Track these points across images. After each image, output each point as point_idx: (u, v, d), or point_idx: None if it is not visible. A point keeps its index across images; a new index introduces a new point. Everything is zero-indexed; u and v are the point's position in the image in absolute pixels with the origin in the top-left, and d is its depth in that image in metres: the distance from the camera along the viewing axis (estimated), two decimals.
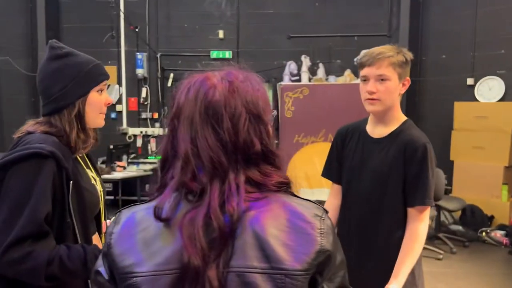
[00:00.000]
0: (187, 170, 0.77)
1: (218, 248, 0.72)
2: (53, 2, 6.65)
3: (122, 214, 0.82)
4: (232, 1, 6.71)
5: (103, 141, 6.05)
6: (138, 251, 0.75)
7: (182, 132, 0.79)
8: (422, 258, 1.74)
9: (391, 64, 1.60)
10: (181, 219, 0.74)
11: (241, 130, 0.78)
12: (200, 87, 0.80)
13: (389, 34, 6.56)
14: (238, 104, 0.78)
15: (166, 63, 6.83)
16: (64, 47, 1.33)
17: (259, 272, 0.72)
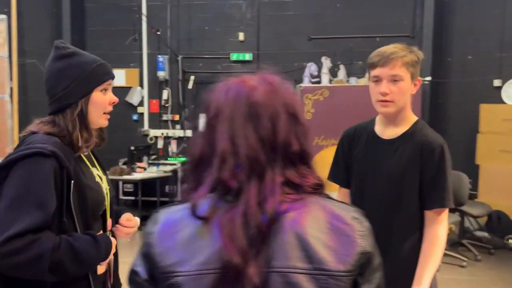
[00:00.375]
0: (225, 167, 0.77)
1: (257, 247, 0.73)
2: (78, 6, 6.81)
3: (160, 214, 0.83)
4: (253, 3, 6.71)
5: (125, 142, 6.17)
6: (180, 250, 0.75)
7: (221, 131, 0.80)
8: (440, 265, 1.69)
9: (404, 64, 1.56)
10: (219, 218, 0.75)
11: (280, 130, 0.79)
12: (240, 89, 0.82)
13: (412, 34, 6.42)
14: (277, 105, 0.80)
15: (187, 66, 6.89)
16: (69, 47, 1.35)
17: (303, 272, 0.73)
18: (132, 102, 7.00)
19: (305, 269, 0.73)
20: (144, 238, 0.81)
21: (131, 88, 7.00)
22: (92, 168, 1.40)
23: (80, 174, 1.29)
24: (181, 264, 0.75)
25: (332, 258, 0.74)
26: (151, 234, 0.80)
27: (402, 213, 1.62)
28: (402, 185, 1.61)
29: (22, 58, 6.37)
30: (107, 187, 1.44)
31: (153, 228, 0.81)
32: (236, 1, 6.75)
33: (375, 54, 1.61)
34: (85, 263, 1.21)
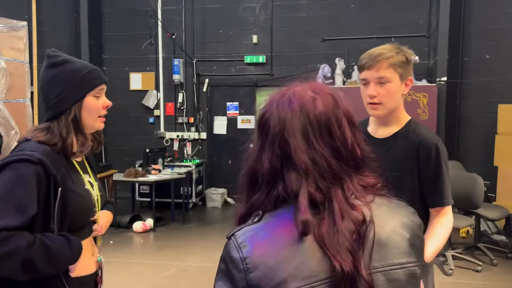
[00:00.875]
0: (309, 180, 0.79)
1: (359, 250, 0.77)
2: (95, 12, 6.98)
3: (241, 236, 0.80)
4: (266, 6, 6.74)
5: (142, 144, 6.27)
6: (283, 268, 0.75)
7: (295, 143, 0.80)
8: (434, 269, 1.67)
9: (391, 65, 1.53)
10: (316, 230, 0.77)
11: (347, 138, 0.83)
12: (302, 99, 0.83)
13: (428, 34, 6.32)
14: (340, 113, 0.84)
15: (201, 69, 6.97)
16: (60, 55, 1.39)
17: (399, 268, 0.79)
18: (148, 105, 7.12)
19: (400, 264, 0.80)
20: (234, 265, 0.77)
21: (147, 91, 7.12)
22: (83, 175, 1.43)
23: (68, 181, 1.31)
24: (288, 282, 0.75)
25: (413, 251, 0.82)
26: (244, 259, 0.77)
27: None
28: (401, 185, 1.58)
29: (41, 63, 6.55)
30: (98, 193, 1.46)
31: (243, 253, 0.77)
32: (249, 4, 6.79)
33: (363, 57, 1.59)
34: (57, 263, 1.23)
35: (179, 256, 4.60)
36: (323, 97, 0.84)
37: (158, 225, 5.66)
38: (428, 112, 5.85)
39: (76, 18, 6.80)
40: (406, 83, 1.60)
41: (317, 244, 0.77)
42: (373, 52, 1.56)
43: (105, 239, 5.23)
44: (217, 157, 7.13)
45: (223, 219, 6.34)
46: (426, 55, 6.35)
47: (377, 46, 1.61)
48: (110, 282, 3.90)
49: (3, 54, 6.25)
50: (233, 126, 7.02)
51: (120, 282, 3.95)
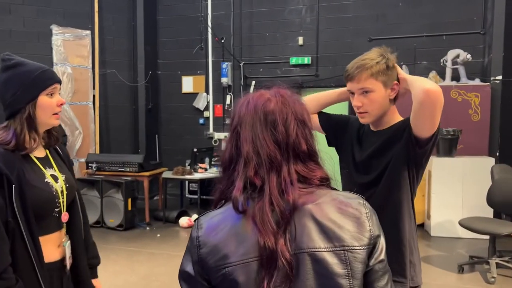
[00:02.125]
0: (249, 166, 0.92)
1: (284, 228, 0.88)
2: (151, 19, 7.44)
3: (201, 220, 0.95)
4: (312, 7, 6.77)
5: (192, 144, 6.58)
6: (225, 246, 0.89)
7: (244, 135, 0.95)
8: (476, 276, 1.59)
9: (371, 75, 1.56)
10: (252, 209, 0.90)
11: (291, 133, 0.94)
12: (258, 100, 0.97)
13: (483, 31, 6.00)
14: (288, 112, 0.95)
15: (248, 71, 7.16)
16: (13, 58, 1.51)
17: (326, 250, 0.89)
18: (198, 107, 7.44)
19: (327, 247, 0.89)
20: (191, 242, 0.93)
21: (198, 94, 7.45)
22: (45, 169, 1.52)
23: (23, 177, 1.42)
24: (228, 257, 0.88)
25: (347, 236, 0.90)
26: (198, 238, 0.92)
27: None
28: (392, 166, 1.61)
29: (103, 69, 7.13)
30: (63, 185, 1.55)
31: (198, 233, 0.93)
32: (295, 7, 6.87)
33: (347, 67, 1.63)
34: None
35: None
36: (277, 99, 0.97)
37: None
38: (480, 113, 5.57)
39: (133, 26, 7.30)
40: (392, 87, 1.61)
41: (251, 221, 0.89)
42: (354, 64, 1.60)
43: (153, 233, 5.59)
44: None
45: None
46: (481, 52, 6.03)
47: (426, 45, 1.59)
48: (151, 271, 4.20)
49: (70, 61, 6.87)
50: None
51: (160, 272, 4.22)
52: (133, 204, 5.69)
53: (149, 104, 7.39)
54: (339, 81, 6.64)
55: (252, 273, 0.87)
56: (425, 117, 1.51)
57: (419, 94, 1.48)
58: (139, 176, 5.87)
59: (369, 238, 0.92)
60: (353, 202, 0.95)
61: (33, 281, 1.45)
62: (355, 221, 0.92)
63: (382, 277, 0.93)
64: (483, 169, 4.96)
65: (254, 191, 0.92)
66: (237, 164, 0.95)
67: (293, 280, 0.87)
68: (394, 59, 1.61)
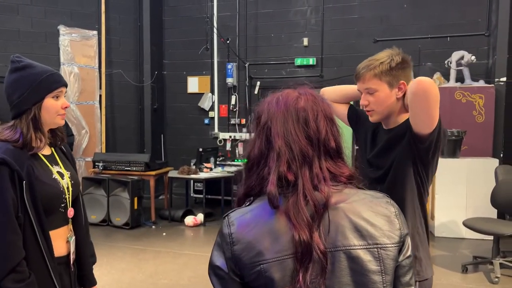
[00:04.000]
0: (282, 160, 0.94)
1: (318, 221, 0.90)
2: (157, 20, 7.50)
3: (231, 216, 0.96)
4: (317, 9, 6.81)
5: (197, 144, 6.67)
6: (260, 242, 0.90)
7: (276, 130, 0.96)
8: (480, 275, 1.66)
9: (375, 76, 1.62)
10: (285, 205, 0.92)
11: (322, 129, 0.97)
12: (288, 98, 1.00)
13: (488, 33, 6.02)
14: (318, 110, 0.99)
15: (253, 72, 7.20)
16: (22, 60, 1.55)
17: (360, 248, 0.92)
18: (204, 107, 7.49)
19: (361, 245, 0.92)
20: (223, 238, 0.94)
21: (203, 94, 7.50)
22: (51, 166, 1.58)
23: (33, 173, 1.47)
24: (263, 254, 0.89)
25: (379, 234, 0.93)
26: (231, 235, 0.93)
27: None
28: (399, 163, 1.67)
29: (109, 69, 7.19)
30: (69, 182, 1.61)
31: (231, 230, 0.93)
32: (300, 8, 6.91)
33: (358, 67, 1.70)
34: None
35: None
36: (306, 97, 1.01)
37: (208, 220, 5.97)
38: (484, 115, 5.59)
39: (139, 26, 7.36)
40: (398, 87, 1.65)
41: (285, 217, 0.91)
42: (361, 64, 1.68)
43: (159, 231, 5.64)
44: None
45: None
46: (485, 54, 6.06)
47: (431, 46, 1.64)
48: (158, 269, 4.25)
49: (76, 61, 6.94)
50: None
51: (166, 270, 4.27)
52: (139, 203, 5.75)
53: (155, 104, 7.45)
54: (343, 82, 6.65)
55: (287, 270, 0.89)
56: (420, 110, 1.54)
57: (411, 87, 1.54)
58: (145, 175, 5.93)
59: (399, 236, 0.95)
60: (381, 201, 0.99)
61: (45, 275, 1.49)
62: (385, 220, 0.95)
63: (408, 272, 0.97)
64: (487, 170, 4.99)
65: (286, 186, 0.94)
66: (268, 158, 0.96)
67: (328, 273, 0.90)
68: (397, 60, 1.63)
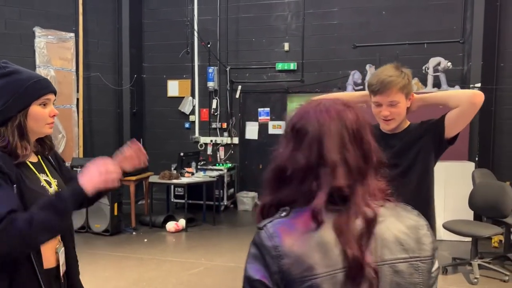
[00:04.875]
0: (337, 175, 0.91)
1: (367, 238, 0.90)
2: (136, 23, 7.40)
3: (270, 228, 0.91)
4: (298, 14, 6.88)
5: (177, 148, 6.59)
6: (310, 256, 0.87)
7: (330, 144, 0.92)
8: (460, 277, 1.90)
9: (399, 89, 1.84)
10: (336, 221, 0.89)
11: (371, 144, 0.96)
12: (337, 109, 0.96)
13: (462, 40, 6.22)
14: (365, 123, 0.97)
15: (234, 76, 7.20)
16: (8, 66, 1.50)
17: (403, 261, 0.93)
18: (184, 111, 7.43)
19: (404, 258, 0.92)
20: (266, 251, 0.88)
21: (183, 98, 7.44)
22: (39, 174, 1.53)
23: (22, 179, 1.42)
24: (314, 268, 0.86)
25: (418, 247, 0.95)
26: (277, 247, 0.88)
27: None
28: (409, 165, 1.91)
29: (87, 72, 7.04)
30: (57, 190, 1.55)
31: (275, 242, 0.88)
32: (281, 13, 6.96)
33: (375, 81, 1.86)
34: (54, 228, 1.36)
35: (208, 255, 4.81)
36: (352, 110, 0.99)
37: (190, 226, 5.91)
38: None
39: (118, 28, 7.24)
40: (409, 98, 1.91)
41: (335, 233, 0.89)
42: (383, 79, 1.84)
43: (140, 238, 5.55)
44: (249, 162, 7.32)
45: (253, 222, 6.49)
46: (460, 61, 6.26)
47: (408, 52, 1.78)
48: (142, 276, 4.18)
49: (53, 64, 6.76)
50: (265, 132, 7.20)
51: (150, 277, 4.21)
52: (119, 209, 5.64)
53: (134, 108, 7.34)
54: (324, 87, 6.76)
55: (338, 284, 0.88)
56: (468, 117, 1.86)
57: (470, 96, 1.79)
58: (125, 181, 5.82)
59: (432, 248, 0.98)
60: (413, 215, 1.00)
61: (34, 285, 1.44)
62: (421, 233, 0.97)
63: (435, 283, 1.00)
64: (464, 173, 5.14)
65: (337, 201, 0.92)
66: (318, 172, 0.92)
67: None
68: (410, 74, 1.89)
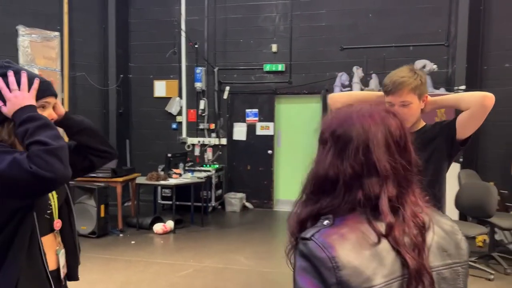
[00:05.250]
0: (389, 186, 0.89)
1: (421, 247, 0.90)
2: (123, 22, 7.32)
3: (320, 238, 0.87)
4: (286, 15, 6.90)
5: (164, 149, 6.54)
6: (367, 267, 0.85)
7: (378, 153, 0.90)
8: None
9: (411, 90, 1.87)
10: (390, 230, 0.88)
11: (412, 152, 0.95)
12: (381, 115, 0.94)
13: (447, 43, 6.33)
14: (407, 130, 0.96)
15: (222, 77, 7.18)
16: (10, 66, 1.45)
17: (448, 268, 0.93)
18: (171, 112, 7.38)
19: (448, 265, 0.93)
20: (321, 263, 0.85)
21: (171, 98, 7.39)
22: None
23: None
24: (372, 279, 0.85)
25: (457, 253, 0.95)
26: (332, 258, 0.85)
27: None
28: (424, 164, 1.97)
29: (72, 71, 6.93)
30: (54, 191, 1.50)
31: (330, 253, 0.85)
32: (269, 14, 6.98)
33: (388, 82, 1.92)
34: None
35: (196, 257, 4.78)
36: (395, 116, 0.96)
37: (178, 227, 5.87)
38: None
39: (104, 28, 7.15)
40: (423, 99, 1.93)
41: (390, 244, 0.87)
42: (395, 79, 1.88)
43: (127, 240, 5.49)
44: (237, 163, 7.31)
45: (241, 223, 6.51)
46: (445, 63, 6.36)
47: (395, 55, 1.78)
48: (130, 279, 4.13)
49: (37, 63, 6.63)
50: (252, 133, 7.20)
51: (139, 279, 4.16)
52: (106, 210, 5.57)
53: (120, 108, 7.25)
54: (311, 88, 6.80)
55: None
56: (480, 119, 1.89)
57: (481, 99, 1.84)
58: (112, 182, 5.75)
59: (467, 254, 0.99)
60: (447, 220, 1.01)
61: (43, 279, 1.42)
62: (457, 238, 0.98)
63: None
64: (450, 174, 5.21)
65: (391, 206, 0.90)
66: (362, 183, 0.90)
67: None
68: (425, 76, 1.91)
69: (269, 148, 7.14)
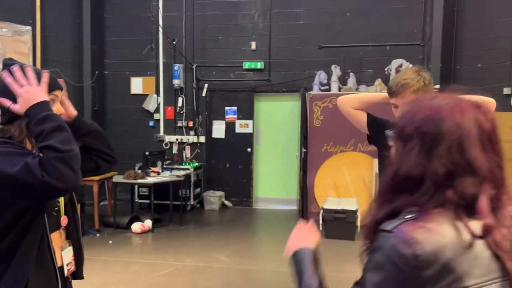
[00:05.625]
0: (487, 186, 0.85)
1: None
2: (98, 17, 7.15)
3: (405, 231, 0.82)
4: (265, 13, 6.90)
5: (141, 147, 6.40)
6: (458, 266, 0.80)
7: (475, 151, 0.85)
8: None
9: (414, 92, 1.87)
10: (487, 231, 0.84)
11: (502, 150, 0.90)
12: (476, 112, 0.88)
13: (422, 43, 6.48)
14: (496, 127, 0.90)
15: (201, 74, 7.12)
16: (15, 63, 1.42)
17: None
18: (148, 109, 7.26)
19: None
20: (404, 260, 0.81)
21: (148, 95, 7.27)
22: None
23: None
24: (463, 279, 0.81)
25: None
26: (417, 256, 0.80)
27: None
28: None
29: (45, 67, 6.72)
30: None
31: (412, 250, 0.80)
32: (248, 12, 6.96)
33: (390, 84, 1.93)
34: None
35: (176, 256, 4.73)
36: (485, 111, 0.91)
37: (157, 226, 5.79)
38: None
39: (79, 23, 6.96)
40: None
41: (487, 245, 0.83)
42: (398, 81, 1.90)
43: (104, 239, 5.37)
44: (215, 161, 7.27)
45: (220, 221, 6.48)
46: (419, 63, 6.49)
47: (372, 54, 1.79)
48: (108, 279, 4.05)
49: None
50: (231, 131, 7.17)
51: (118, 280, 4.08)
52: (82, 210, 5.43)
53: (96, 105, 7.09)
54: (290, 87, 6.83)
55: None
56: None
57: (487, 104, 1.80)
58: (88, 181, 5.62)
59: None
60: None
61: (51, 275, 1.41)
62: None
63: None
64: None
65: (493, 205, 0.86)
66: (453, 182, 0.85)
67: None
68: (429, 76, 1.91)
69: (248, 146, 7.13)
